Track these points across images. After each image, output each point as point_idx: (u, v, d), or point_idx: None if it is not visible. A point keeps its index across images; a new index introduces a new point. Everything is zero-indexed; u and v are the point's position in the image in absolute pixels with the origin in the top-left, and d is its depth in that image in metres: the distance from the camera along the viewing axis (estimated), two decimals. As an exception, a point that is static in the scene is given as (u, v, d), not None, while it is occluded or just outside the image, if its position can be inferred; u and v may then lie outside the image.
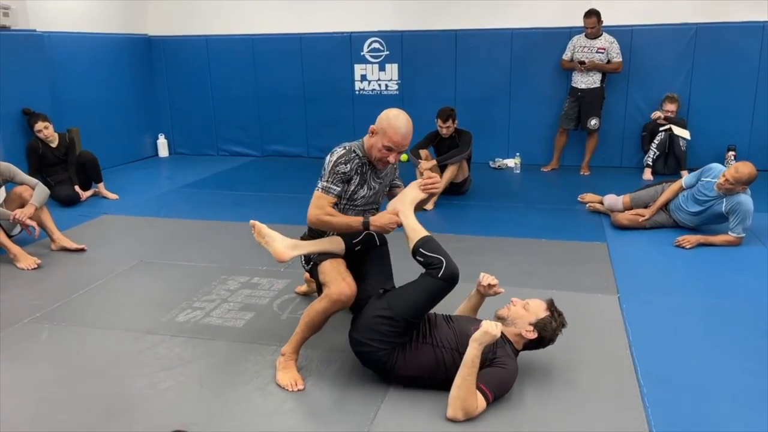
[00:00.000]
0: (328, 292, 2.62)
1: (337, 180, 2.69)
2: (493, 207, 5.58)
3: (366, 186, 2.79)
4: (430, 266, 2.58)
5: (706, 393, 2.59)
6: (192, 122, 8.28)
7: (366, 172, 2.78)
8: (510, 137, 7.37)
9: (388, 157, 2.69)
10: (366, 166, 2.77)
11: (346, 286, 2.61)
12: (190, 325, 3.27)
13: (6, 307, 3.53)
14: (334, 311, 2.65)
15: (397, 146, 2.66)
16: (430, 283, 2.57)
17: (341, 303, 2.61)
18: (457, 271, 2.57)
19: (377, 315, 2.57)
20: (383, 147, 2.67)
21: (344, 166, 2.69)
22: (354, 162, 2.71)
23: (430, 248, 2.61)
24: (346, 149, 2.73)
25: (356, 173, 2.74)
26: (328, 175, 2.69)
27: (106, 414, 2.50)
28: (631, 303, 3.45)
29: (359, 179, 2.76)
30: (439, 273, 2.54)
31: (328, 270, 2.71)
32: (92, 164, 5.91)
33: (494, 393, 2.42)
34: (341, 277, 2.65)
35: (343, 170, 2.68)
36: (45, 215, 4.41)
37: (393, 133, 2.64)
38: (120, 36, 7.59)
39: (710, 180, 4.47)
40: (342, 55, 7.60)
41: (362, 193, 2.79)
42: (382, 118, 2.70)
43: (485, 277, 2.83)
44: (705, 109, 6.75)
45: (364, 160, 2.76)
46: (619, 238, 4.60)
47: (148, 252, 4.43)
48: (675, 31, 6.69)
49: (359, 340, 2.60)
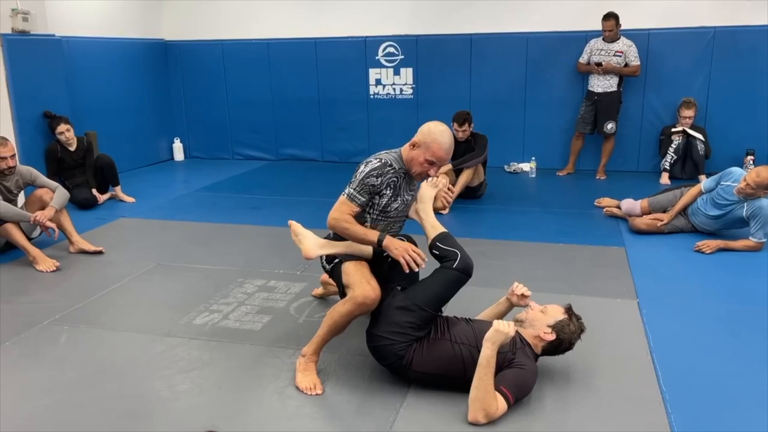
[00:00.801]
0: (353, 295, 2.59)
1: (364, 191, 2.67)
2: (509, 211, 5.56)
3: (399, 199, 2.77)
4: (445, 259, 2.65)
5: (730, 399, 2.56)
6: (207, 126, 8.33)
7: (400, 186, 2.75)
8: (525, 141, 7.35)
9: (429, 170, 2.68)
10: (401, 179, 2.74)
11: (371, 289, 2.59)
12: (207, 328, 3.28)
13: (25, 309, 3.56)
14: (359, 314, 2.63)
15: (439, 161, 2.65)
16: (446, 274, 2.63)
17: (366, 306, 2.59)
18: (472, 264, 2.64)
19: (395, 307, 2.60)
20: (425, 161, 2.65)
21: (375, 179, 2.66)
22: (387, 176, 2.68)
23: (447, 243, 2.68)
24: (381, 162, 2.69)
25: (389, 187, 2.70)
26: (357, 184, 2.67)
27: (126, 416, 2.51)
28: (650, 308, 3.42)
29: (392, 193, 2.73)
30: (454, 264, 2.61)
31: (352, 272, 2.68)
32: (109, 167, 5.96)
33: (515, 394, 2.40)
34: (366, 280, 2.62)
35: (372, 183, 2.66)
36: (64, 218, 4.44)
37: (437, 148, 2.62)
38: (136, 41, 7.66)
39: (730, 184, 4.42)
40: (357, 59, 7.61)
41: (395, 206, 2.77)
42: (424, 132, 2.66)
43: (519, 286, 2.81)
44: (723, 114, 6.68)
45: (401, 172, 2.73)
46: (637, 243, 4.56)
47: (166, 255, 4.45)
48: (693, 34, 6.64)
49: (377, 334, 2.60)
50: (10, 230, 4.20)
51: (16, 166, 4.41)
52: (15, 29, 5.62)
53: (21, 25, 5.63)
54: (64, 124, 5.71)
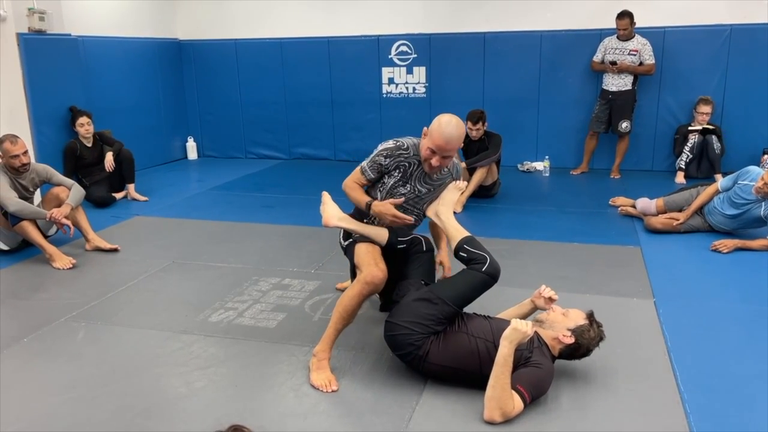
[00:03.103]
0: (361, 276, 2.69)
1: (374, 168, 2.83)
2: (523, 210, 5.53)
3: (409, 185, 2.83)
4: (473, 262, 2.66)
5: (749, 400, 2.53)
6: (220, 125, 8.36)
7: (413, 172, 2.82)
8: (539, 140, 7.31)
9: (432, 159, 2.71)
10: (415, 166, 2.81)
11: (378, 270, 2.68)
12: (223, 326, 3.29)
13: (43, 306, 3.59)
14: (367, 294, 2.68)
15: (438, 149, 2.67)
16: (473, 275, 2.64)
17: (374, 285, 2.66)
18: (500, 269, 2.66)
19: (417, 298, 2.63)
20: (427, 148, 2.71)
21: (383, 159, 2.80)
22: (399, 158, 2.79)
23: (475, 246, 2.70)
24: (396, 144, 2.81)
25: (398, 169, 2.80)
26: (370, 159, 2.84)
27: (144, 412, 2.52)
28: (667, 308, 3.39)
29: (401, 176, 2.81)
30: (483, 267, 2.63)
31: (363, 253, 2.78)
32: (128, 162, 6.02)
33: (531, 393, 2.39)
34: (374, 262, 2.71)
35: (380, 161, 2.80)
36: (80, 215, 4.48)
37: (437, 136, 2.66)
38: (151, 40, 7.70)
39: (748, 183, 4.37)
40: (370, 58, 7.61)
41: (402, 191, 2.83)
42: (434, 122, 2.72)
43: (547, 290, 2.80)
44: (740, 112, 6.61)
45: (414, 159, 2.81)
46: (653, 242, 4.52)
47: (180, 253, 4.47)
48: (709, 32, 6.58)
49: (396, 323, 2.60)
50: (27, 228, 4.24)
51: (31, 164, 4.44)
52: (31, 29, 5.66)
53: (37, 24, 5.68)
54: (85, 117, 5.79)
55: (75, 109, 5.92)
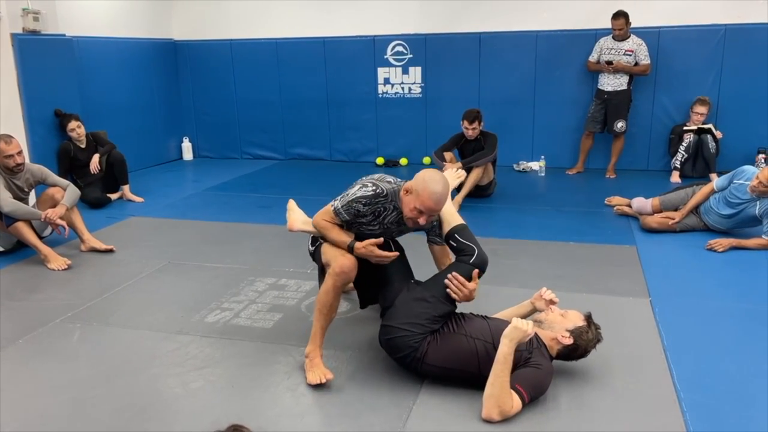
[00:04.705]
0: (331, 270, 2.69)
1: (350, 212, 2.71)
2: (519, 210, 5.54)
3: (379, 225, 2.79)
4: (462, 252, 2.69)
5: (746, 398, 2.54)
6: (216, 125, 8.35)
7: (387, 215, 2.75)
8: (534, 140, 7.32)
9: (419, 219, 2.60)
10: (390, 211, 2.74)
11: (345, 259, 2.68)
12: (219, 326, 3.28)
13: (38, 307, 3.58)
14: (340, 285, 2.69)
15: (428, 211, 2.56)
16: (461, 267, 2.65)
17: (344, 275, 2.66)
18: (487, 261, 2.70)
19: (412, 299, 2.64)
20: (414, 208, 2.57)
21: (362, 206, 2.68)
22: (376, 206, 2.70)
23: (465, 236, 2.72)
24: (375, 192, 2.67)
25: (372, 214, 2.73)
26: (345, 203, 2.69)
27: (140, 413, 2.51)
28: (663, 306, 3.40)
29: (373, 218, 2.76)
30: (471, 259, 2.64)
31: (327, 250, 2.79)
32: (120, 164, 5.98)
33: (530, 393, 2.40)
34: (340, 253, 2.72)
35: (358, 208, 2.69)
36: (75, 216, 4.46)
37: (426, 198, 2.53)
38: (146, 41, 7.68)
39: (743, 182, 4.39)
40: (365, 58, 7.61)
41: (371, 229, 2.80)
42: (418, 179, 2.58)
43: (548, 292, 2.79)
44: (734, 112, 6.64)
45: (391, 206, 2.72)
46: (648, 242, 4.54)
47: (176, 253, 4.46)
48: (703, 32, 6.60)
49: (392, 326, 2.60)
50: (22, 229, 4.22)
51: (26, 164, 4.42)
52: (26, 29, 5.64)
53: (32, 24, 5.66)
54: (75, 121, 5.75)
55: (60, 112, 5.88)
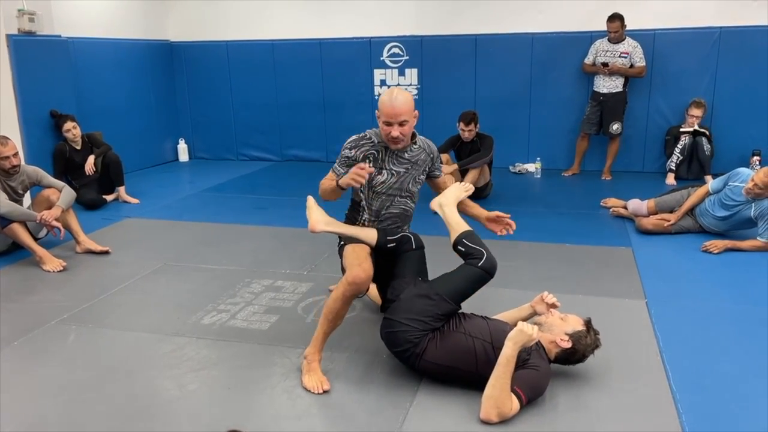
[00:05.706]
0: (344, 278, 2.69)
1: (342, 162, 2.88)
2: (515, 212, 5.43)
3: (385, 171, 2.87)
4: (470, 256, 2.70)
5: (742, 398, 2.55)
6: (212, 127, 8.34)
7: (383, 158, 2.86)
8: (530, 142, 7.34)
9: (391, 131, 2.74)
10: (383, 152, 2.86)
11: (361, 270, 2.67)
12: (215, 328, 3.28)
13: (33, 309, 3.56)
14: (350, 296, 2.68)
15: (388, 117, 2.72)
16: (470, 270, 2.67)
17: (356, 286, 2.65)
18: (496, 264, 2.70)
19: (416, 295, 2.64)
20: (383, 123, 2.76)
21: (349, 151, 2.86)
22: (364, 147, 2.85)
23: (473, 241, 2.74)
24: (359, 135, 2.88)
25: (367, 159, 2.84)
26: (339, 158, 2.90)
27: (136, 415, 2.50)
28: (659, 308, 3.41)
29: (373, 164, 2.84)
30: (480, 263, 2.66)
31: (348, 254, 2.81)
32: (116, 165, 5.97)
33: (528, 395, 2.40)
34: (358, 263, 2.72)
35: (347, 155, 2.86)
36: (71, 218, 4.44)
37: (382, 106, 2.74)
38: (142, 42, 7.67)
39: (738, 184, 4.40)
40: (362, 60, 7.61)
41: (381, 179, 2.87)
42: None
43: (549, 296, 2.80)
44: (729, 114, 6.67)
45: (380, 146, 2.86)
46: (644, 243, 4.55)
47: (172, 255, 4.45)
48: (698, 34, 6.63)
49: (394, 320, 2.61)
50: (17, 230, 4.20)
51: (21, 166, 4.41)
52: (21, 30, 5.62)
53: (27, 25, 5.64)
54: (71, 122, 5.73)
55: (56, 113, 5.86)
